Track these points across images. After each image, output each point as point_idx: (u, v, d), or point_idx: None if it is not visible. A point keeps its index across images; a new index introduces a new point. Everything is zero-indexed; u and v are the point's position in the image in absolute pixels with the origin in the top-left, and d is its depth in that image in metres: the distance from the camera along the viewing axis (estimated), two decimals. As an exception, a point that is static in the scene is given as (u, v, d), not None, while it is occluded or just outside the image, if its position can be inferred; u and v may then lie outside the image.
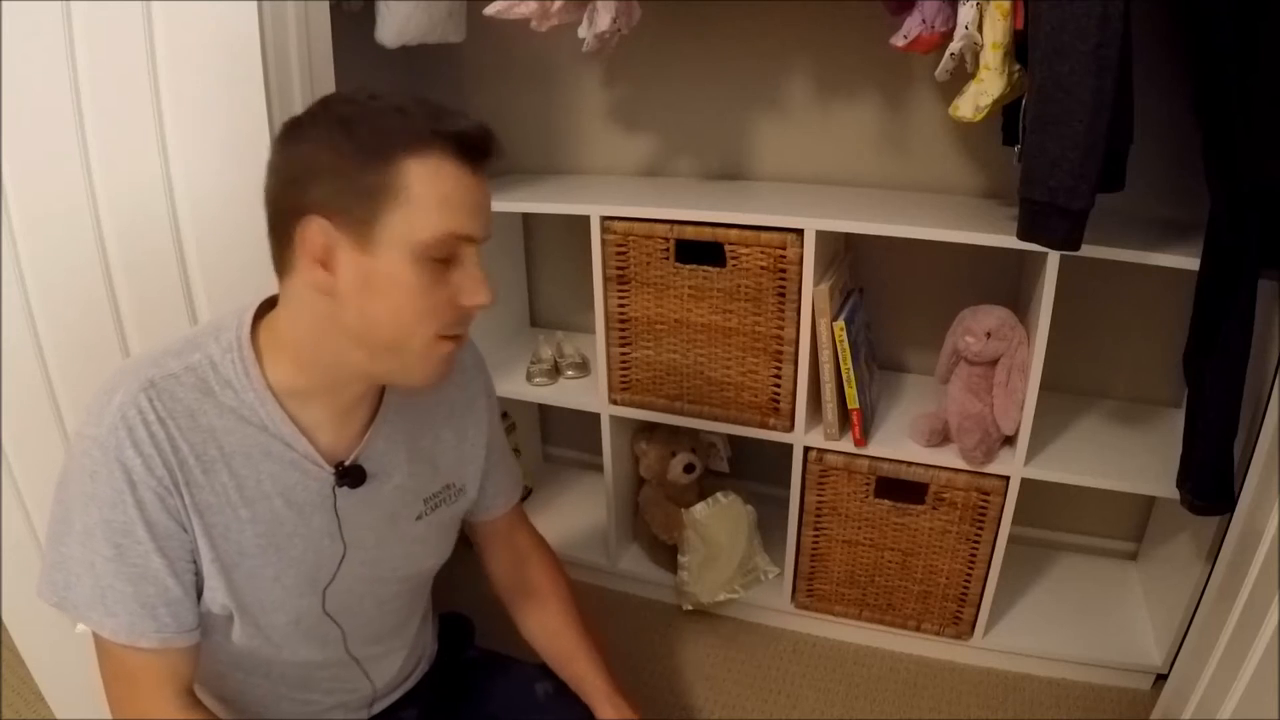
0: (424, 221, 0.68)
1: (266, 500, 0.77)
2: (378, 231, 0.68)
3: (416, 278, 0.69)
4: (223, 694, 0.87)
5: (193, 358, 0.75)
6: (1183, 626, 1.28)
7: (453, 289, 0.73)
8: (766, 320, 1.36)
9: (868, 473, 1.38)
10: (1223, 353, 1.08)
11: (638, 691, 1.41)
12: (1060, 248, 1.08)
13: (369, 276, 0.69)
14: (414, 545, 0.90)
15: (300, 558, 0.80)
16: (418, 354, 0.73)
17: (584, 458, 2.02)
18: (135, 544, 0.71)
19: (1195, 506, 1.16)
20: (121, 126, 0.98)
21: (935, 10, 1.12)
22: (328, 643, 0.87)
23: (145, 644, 0.72)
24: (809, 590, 1.52)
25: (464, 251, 0.72)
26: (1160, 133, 1.24)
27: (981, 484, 1.32)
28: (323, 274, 0.70)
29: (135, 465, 0.70)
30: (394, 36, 1.38)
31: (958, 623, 1.44)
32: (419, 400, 0.88)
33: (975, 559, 1.38)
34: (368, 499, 0.83)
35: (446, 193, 0.69)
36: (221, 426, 0.74)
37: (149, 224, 1.02)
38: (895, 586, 1.46)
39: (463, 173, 0.70)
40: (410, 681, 1.02)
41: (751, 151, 1.62)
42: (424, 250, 0.69)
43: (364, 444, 0.82)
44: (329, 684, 0.91)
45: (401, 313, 0.71)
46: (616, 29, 1.31)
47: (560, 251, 1.84)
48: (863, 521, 1.43)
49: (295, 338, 0.76)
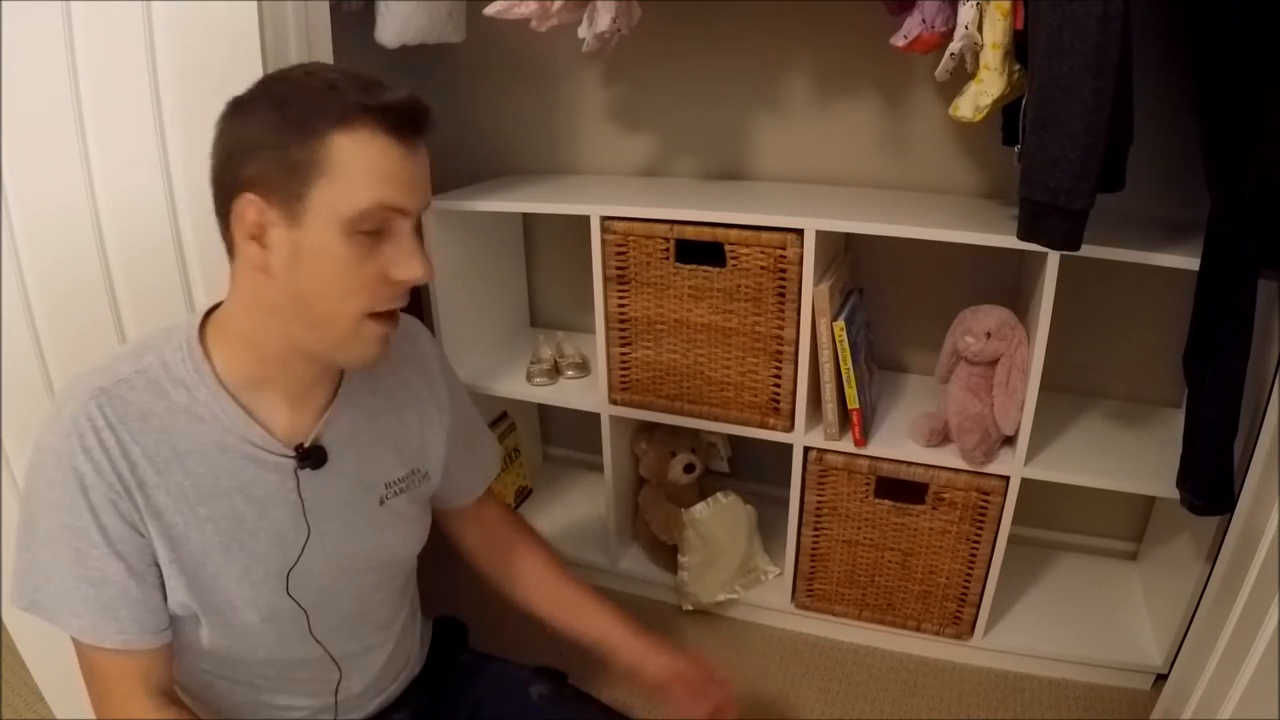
0: (351, 194, 0.69)
1: (225, 497, 0.77)
2: (306, 205, 0.69)
3: (345, 250, 0.70)
4: (209, 701, 0.87)
5: (144, 360, 0.75)
6: (1183, 626, 1.28)
7: (384, 263, 0.72)
8: (766, 320, 1.36)
9: (868, 473, 1.38)
10: (1223, 353, 1.08)
11: (637, 691, 1.41)
12: (1060, 248, 1.08)
13: (298, 250, 0.70)
14: (382, 531, 0.90)
15: (265, 553, 0.80)
16: (349, 330, 0.73)
17: (584, 458, 2.02)
18: (92, 547, 0.72)
19: (1195, 506, 1.16)
20: (121, 126, 0.98)
21: (935, 10, 1.12)
22: (293, 626, 0.85)
23: (109, 644, 0.73)
24: (809, 590, 1.52)
25: (396, 224, 0.72)
26: (1160, 133, 1.24)
27: (981, 484, 1.32)
28: (257, 250, 0.71)
29: (87, 471, 0.71)
30: (394, 37, 1.38)
31: (958, 623, 1.44)
32: (380, 384, 0.88)
33: (975, 559, 1.38)
34: (330, 481, 0.83)
35: (374, 164, 0.69)
36: (175, 426, 0.74)
37: (149, 224, 1.02)
38: (895, 586, 1.46)
39: (391, 144, 0.70)
40: (394, 687, 1.00)
41: (751, 151, 1.62)
42: (352, 223, 0.69)
43: (323, 424, 0.82)
44: (309, 685, 0.90)
45: (330, 286, 0.71)
46: (616, 29, 1.31)
47: (560, 251, 1.84)
48: (863, 521, 1.43)
49: (241, 323, 0.77)
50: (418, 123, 0.72)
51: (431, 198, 0.76)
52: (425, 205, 0.75)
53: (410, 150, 0.72)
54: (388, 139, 0.70)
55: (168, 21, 0.96)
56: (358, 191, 0.69)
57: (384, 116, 0.69)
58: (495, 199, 1.50)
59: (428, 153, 0.75)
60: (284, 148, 0.68)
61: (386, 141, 0.70)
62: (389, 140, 0.70)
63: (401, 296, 0.75)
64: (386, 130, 0.69)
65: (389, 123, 0.69)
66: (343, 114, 0.68)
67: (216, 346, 0.77)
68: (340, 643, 0.90)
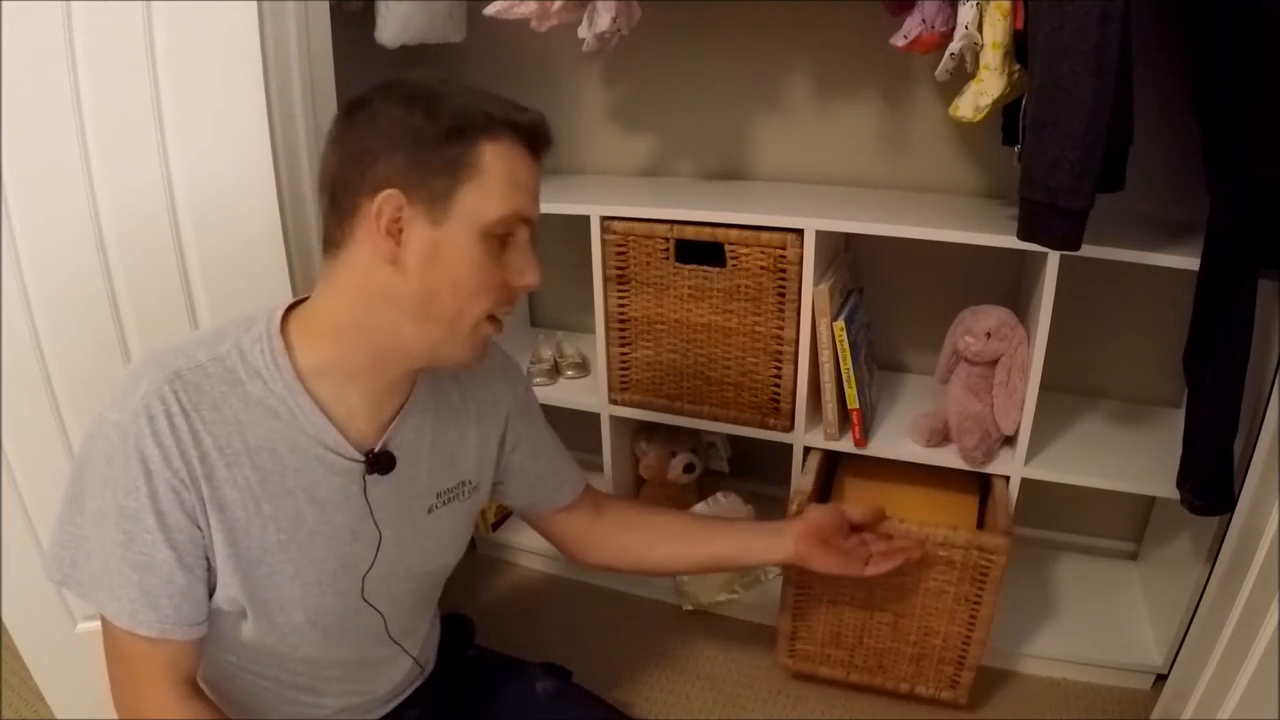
0: (494, 200, 0.73)
1: (290, 496, 0.77)
2: (451, 205, 0.72)
3: (481, 253, 0.74)
4: (230, 693, 0.86)
5: (221, 348, 0.75)
6: (1183, 626, 1.28)
7: (506, 269, 0.76)
8: (766, 320, 1.36)
9: (868, 473, 1.38)
10: (1222, 352, 1.08)
11: (638, 691, 1.41)
12: (1060, 248, 1.08)
13: (436, 248, 0.73)
14: (427, 540, 0.91)
15: (320, 557, 0.80)
16: (467, 330, 0.76)
17: (584, 458, 2.00)
18: (144, 533, 0.71)
19: (1195, 506, 1.16)
20: (121, 126, 0.98)
21: (935, 10, 1.12)
22: (368, 631, 0.87)
23: (144, 631, 0.73)
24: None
25: (520, 233, 0.77)
26: (1160, 133, 1.24)
27: (984, 542, 1.29)
28: (390, 245, 0.72)
29: (153, 456, 0.70)
30: (394, 36, 1.38)
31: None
32: (448, 395, 0.90)
33: (977, 614, 1.35)
34: (395, 488, 0.84)
35: (515, 175, 0.74)
36: (247, 419, 0.74)
37: (149, 224, 1.02)
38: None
39: (528, 159, 0.76)
40: (413, 686, 1.02)
41: (751, 151, 1.62)
42: (490, 227, 0.73)
43: (392, 430, 0.83)
44: (339, 685, 0.90)
45: (461, 285, 0.74)
46: (616, 29, 1.31)
47: (560, 251, 1.84)
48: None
49: (338, 316, 0.77)
50: (549, 141, 0.79)
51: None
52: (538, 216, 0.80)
53: (539, 166, 0.78)
54: (525, 153, 0.75)
55: (168, 21, 0.96)
56: (500, 198, 0.73)
57: (525, 133, 0.75)
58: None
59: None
60: (434, 147, 0.71)
61: (524, 155, 0.75)
62: (526, 154, 0.76)
63: (514, 301, 0.79)
64: (524, 144, 0.75)
65: (527, 138, 0.75)
66: (492, 123, 0.73)
67: (301, 340, 0.77)
68: (380, 645, 0.91)
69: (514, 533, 1.76)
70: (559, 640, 1.54)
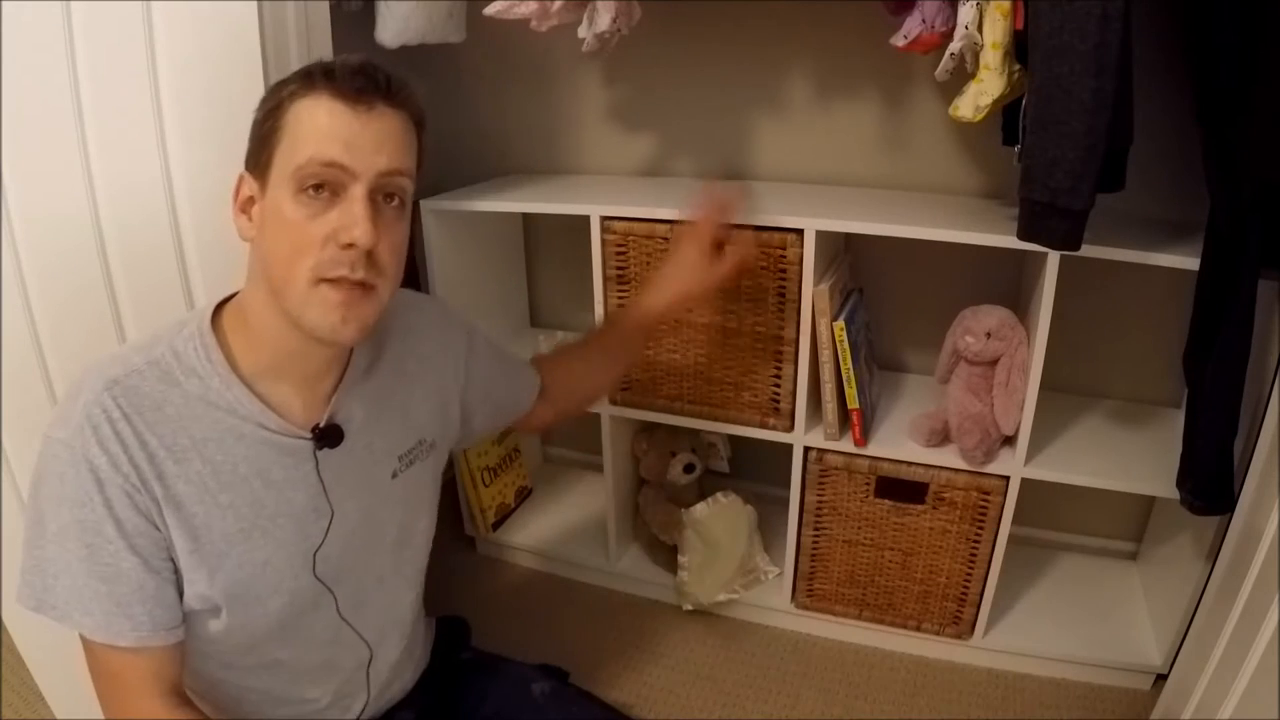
0: (296, 149, 0.72)
1: (245, 483, 0.77)
2: (270, 171, 0.73)
3: (293, 209, 0.72)
4: (217, 701, 0.86)
5: (155, 351, 0.76)
6: (1183, 626, 1.28)
7: (332, 226, 0.72)
8: (766, 320, 1.36)
9: (868, 473, 1.38)
10: (1222, 353, 1.08)
11: (637, 691, 1.41)
12: (1060, 248, 1.08)
13: (263, 214, 0.75)
14: (395, 507, 0.91)
15: (287, 539, 0.80)
16: (302, 293, 0.73)
17: (584, 458, 2.02)
18: (106, 543, 0.71)
19: (1195, 507, 1.16)
20: (121, 125, 0.98)
21: (935, 10, 1.12)
22: (319, 609, 0.85)
23: (123, 642, 0.72)
24: (809, 590, 1.52)
25: (350, 190, 0.72)
26: (1160, 133, 1.24)
27: (981, 484, 1.32)
28: (244, 221, 0.76)
29: (102, 464, 0.70)
30: (394, 36, 1.38)
31: (958, 622, 1.44)
32: (384, 359, 0.90)
33: (975, 558, 1.38)
34: (347, 461, 0.84)
35: (320, 124, 0.72)
36: (190, 414, 0.75)
37: (149, 223, 1.02)
38: (895, 586, 1.46)
39: (340, 107, 0.72)
40: (406, 681, 1.01)
41: (751, 151, 1.62)
42: (298, 179, 0.71)
43: (334, 404, 0.83)
44: (326, 674, 0.90)
45: (281, 245, 0.73)
46: (616, 29, 1.31)
47: (560, 251, 1.84)
48: (863, 521, 1.43)
49: (249, 305, 0.78)
50: (364, 87, 0.72)
51: (400, 168, 0.75)
52: (380, 170, 0.73)
53: (360, 113, 0.72)
54: (335, 101, 0.72)
55: (168, 21, 0.96)
56: (301, 146, 0.72)
57: (333, 80, 0.72)
58: (495, 199, 1.50)
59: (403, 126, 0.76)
60: (259, 123, 0.75)
61: (334, 104, 0.72)
62: (337, 103, 0.72)
63: (350, 264, 0.73)
64: (335, 94, 0.72)
65: (337, 86, 0.72)
66: (299, 83, 0.73)
67: (234, 334, 0.78)
68: (364, 626, 0.90)
69: (514, 533, 1.76)
70: (558, 640, 1.54)
